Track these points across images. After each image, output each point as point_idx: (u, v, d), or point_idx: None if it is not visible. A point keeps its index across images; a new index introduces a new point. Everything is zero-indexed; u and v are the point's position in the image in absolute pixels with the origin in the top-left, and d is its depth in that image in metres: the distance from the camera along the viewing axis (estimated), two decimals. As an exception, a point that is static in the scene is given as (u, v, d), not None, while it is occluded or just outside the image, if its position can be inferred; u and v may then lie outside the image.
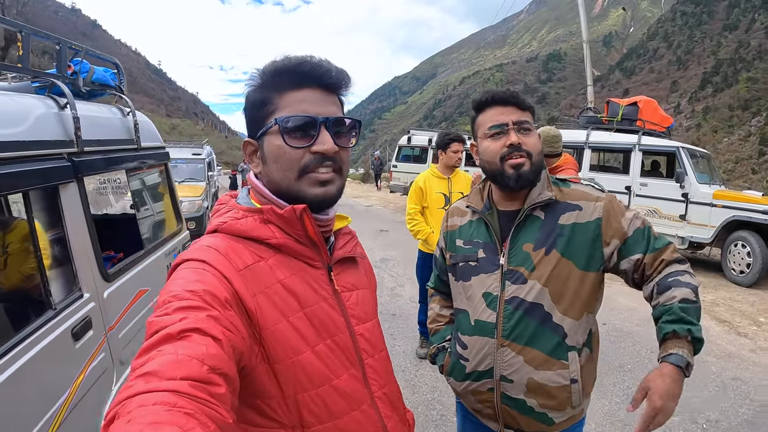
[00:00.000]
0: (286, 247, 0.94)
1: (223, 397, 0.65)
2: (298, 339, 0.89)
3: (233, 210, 0.97)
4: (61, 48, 2.28)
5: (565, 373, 1.48)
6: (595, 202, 1.50)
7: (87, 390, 1.89)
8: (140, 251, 2.62)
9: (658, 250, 1.46)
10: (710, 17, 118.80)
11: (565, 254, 1.47)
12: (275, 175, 0.95)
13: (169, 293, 0.77)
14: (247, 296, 0.85)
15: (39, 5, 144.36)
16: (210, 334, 0.70)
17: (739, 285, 7.41)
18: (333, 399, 0.91)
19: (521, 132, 1.49)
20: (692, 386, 4.14)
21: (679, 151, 8.26)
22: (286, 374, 0.87)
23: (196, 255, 0.87)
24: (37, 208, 1.83)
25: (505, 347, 1.50)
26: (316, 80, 0.94)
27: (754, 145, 65.04)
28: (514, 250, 1.52)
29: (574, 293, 1.48)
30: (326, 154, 0.92)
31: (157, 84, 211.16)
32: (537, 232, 1.50)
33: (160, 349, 0.66)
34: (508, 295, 1.51)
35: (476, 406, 1.63)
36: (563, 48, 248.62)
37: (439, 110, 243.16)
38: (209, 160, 13.38)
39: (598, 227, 1.47)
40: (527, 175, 1.48)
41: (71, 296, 1.92)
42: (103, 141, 2.33)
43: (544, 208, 1.52)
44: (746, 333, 5.48)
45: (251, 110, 0.98)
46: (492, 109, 1.53)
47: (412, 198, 4.20)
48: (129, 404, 0.58)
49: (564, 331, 1.48)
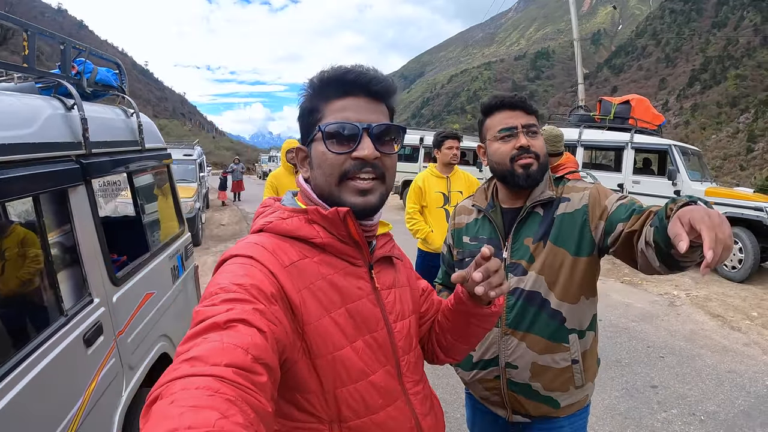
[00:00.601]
0: (330, 246, 0.97)
1: (265, 386, 0.67)
2: (339, 334, 0.91)
3: (279, 210, 1.00)
4: (65, 48, 2.25)
5: (566, 355, 1.58)
6: (582, 191, 1.59)
7: (99, 396, 1.87)
8: (146, 254, 2.60)
9: (642, 211, 1.36)
10: (699, 15, 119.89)
11: (557, 242, 1.56)
12: (319, 180, 0.99)
13: (217, 285, 0.80)
14: (293, 292, 0.87)
15: (25, 6, 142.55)
16: (255, 325, 0.73)
17: (732, 280, 7.51)
18: (370, 394, 0.94)
19: (529, 135, 1.58)
20: (689, 380, 4.21)
21: (671, 149, 8.36)
22: (326, 369, 0.89)
23: (244, 251, 0.90)
24: (46, 212, 1.80)
25: (509, 335, 1.61)
26: (361, 88, 0.96)
27: (743, 142, 65.81)
28: (517, 245, 1.62)
29: (569, 278, 1.56)
30: (366, 159, 0.94)
31: (144, 84, 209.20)
32: (536, 227, 1.60)
33: (206, 336, 0.69)
34: (511, 287, 1.60)
35: (484, 394, 1.71)
36: (551, 46, 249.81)
37: (428, 109, 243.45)
38: (200, 161, 13.31)
39: (585, 213, 1.55)
40: (536, 174, 1.57)
41: (82, 301, 1.90)
42: (109, 143, 2.30)
43: (544, 205, 1.61)
44: (739, 327, 5.56)
45: (302, 118, 1.02)
46: (501, 113, 1.61)
47: (411, 197, 4.20)
48: (173, 386, 0.59)
49: (563, 316, 1.57)
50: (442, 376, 4.10)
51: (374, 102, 0.98)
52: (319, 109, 0.97)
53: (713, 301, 6.53)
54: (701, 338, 5.22)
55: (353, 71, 0.95)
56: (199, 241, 10.10)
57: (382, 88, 0.98)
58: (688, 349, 4.93)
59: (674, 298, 6.65)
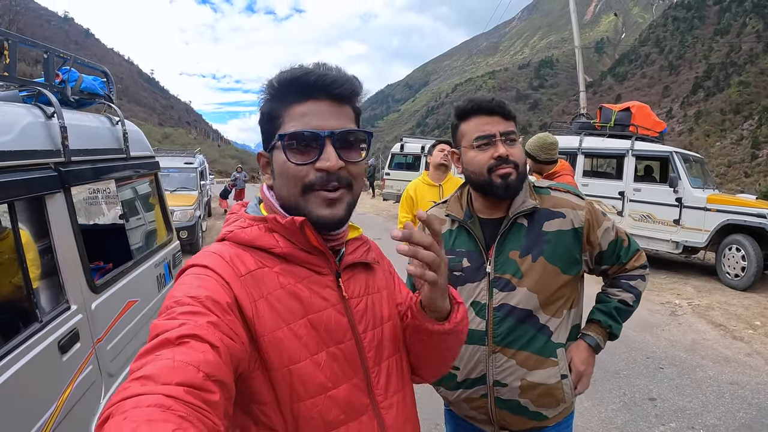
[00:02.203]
0: (291, 255, 0.93)
1: (217, 405, 0.66)
2: (297, 346, 0.87)
3: (240, 219, 0.97)
4: (48, 56, 2.25)
5: (555, 371, 1.54)
6: (576, 210, 1.56)
7: (74, 403, 1.85)
8: (129, 262, 2.58)
9: (623, 263, 1.66)
10: (701, 22, 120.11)
11: (551, 260, 1.52)
12: (282, 191, 0.94)
13: (172, 299, 0.79)
14: (246, 302, 0.84)
15: (31, 14, 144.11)
16: (207, 340, 0.71)
17: (734, 289, 7.42)
18: (329, 409, 0.89)
19: (508, 143, 1.50)
20: (689, 392, 4.13)
21: (673, 156, 8.30)
22: (281, 382, 0.86)
23: (200, 261, 0.88)
24: (23, 219, 1.80)
25: (498, 353, 1.54)
26: (323, 91, 0.90)
27: (747, 149, 65.64)
28: (501, 258, 1.54)
29: (559, 296, 1.55)
30: (330, 171, 0.89)
31: (149, 93, 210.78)
32: (522, 239, 1.54)
33: (158, 353, 0.67)
34: (497, 303, 1.53)
35: (470, 413, 1.65)
36: (555, 54, 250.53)
37: (432, 118, 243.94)
38: (201, 169, 13.33)
39: (579, 235, 1.55)
40: (514, 184, 1.50)
41: (58, 308, 1.88)
42: (91, 150, 2.30)
43: (528, 216, 1.55)
44: (742, 337, 5.47)
45: (262, 123, 0.96)
46: (476, 118, 1.53)
47: (403, 206, 4.13)
48: (124, 405, 0.59)
49: (550, 331, 1.55)
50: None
51: (338, 105, 0.92)
52: (279, 114, 0.92)
53: (715, 310, 6.44)
54: (702, 348, 5.14)
55: (313, 72, 0.90)
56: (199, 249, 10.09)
57: (346, 89, 0.92)
58: (689, 359, 4.85)
59: (676, 307, 6.57)
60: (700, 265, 9.15)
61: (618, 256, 1.64)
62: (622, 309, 1.65)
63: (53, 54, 2.29)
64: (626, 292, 1.66)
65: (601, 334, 1.64)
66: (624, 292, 1.66)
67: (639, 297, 1.66)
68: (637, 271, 1.67)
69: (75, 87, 2.48)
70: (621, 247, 1.64)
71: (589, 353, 1.62)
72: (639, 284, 1.67)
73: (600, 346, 1.64)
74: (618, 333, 1.67)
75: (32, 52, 2.25)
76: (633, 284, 1.66)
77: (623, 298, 1.65)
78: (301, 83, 0.90)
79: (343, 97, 0.93)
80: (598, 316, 1.66)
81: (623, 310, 1.65)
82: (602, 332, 1.64)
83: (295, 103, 0.91)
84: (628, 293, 1.65)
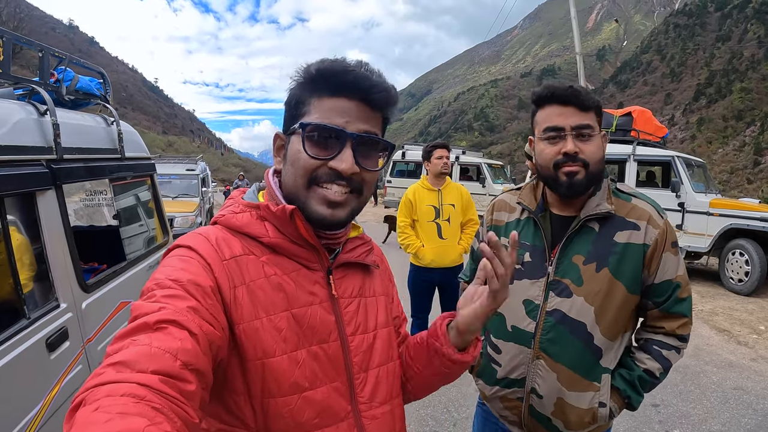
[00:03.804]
0: (279, 246, 0.90)
1: (193, 395, 0.65)
2: (275, 340, 0.84)
3: (234, 204, 0.94)
4: (43, 55, 2.25)
5: (594, 396, 1.43)
6: (651, 226, 1.41)
7: (63, 403, 1.83)
8: (122, 263, 2.56)
9: (668, 315, 1.45)
10: (703, 29, 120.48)
11: (616, 275, 1.39)
12: (288, 178, 0.91)
13: (154, 281, 0.77)
14: (225, 287, 0.82)
15: (36, 21, 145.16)
16: (186, 327, 0.69)
17: (738, 294, 7.36)
18: (302, 410, 0.85)
19: (580, 138, 1.38)
20: (693, 398, 4.06)
21: (675, 161, 8.25)
22: (253, 375, 0.82)
23: (186, 242, 0.86)
24: (12, 215, 1.78)
25: (540, 359, 1.45)
26: (358, 92, 0.87)
27: (749, 155, 65.55)
28: (564, 260, 1.44)
29: (618, 315, 1.41)
30: (343, 173, 0.86)
31: (153, 101, 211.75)
32: (589, 245, 1.42)
33: (135, 338, 0.66)
34: (551, 307, 1.44)
35: (503, 412, 1.58)
36: (557, 62, 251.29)
37: (435, 126, 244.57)
38: (203, 176, 13.35)
39: (644, 254, 1.40)
40: (579, 184, 1.39)
41: (47, 305, 1.86)
42: (84, 149, 2.28)
43: (601, 220, 1.43)
44: (746, 342, 5.41)
45: (288, 106, 0.93)
46: (551, 107, 1.41)
47: (402, 211, 4.08)
48: (97, 392, 0.57)
49: (601, 353, 1.42)
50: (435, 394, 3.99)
51: (369, 109, 0.88)
52: (307, 102, 0.88)
53: (719, 315, 6.38)
54: (706, 354, 5.08)
55: (354, 72, 0.86)
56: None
57: (382, 97, 0.88)
58: (693, 365, 4.78)
59: (679, 312, 6.51)
60: (703, 270, 9.08)
61: (666, 301, 1.44)
62: (646, 380, 1.45)
63: (48, 53, 2.28)
64: (655, 361, 1.45)
65: (617, 403, 1.46)
66: (652, 361, 1.45)
67: (667, 371, 1.46)
68: (673, 340, 1.46)
69: (70, 86, 2.47)
70: (675, 295, 1.43)
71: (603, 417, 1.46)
72: (672, 356, 1.46)
73: (613, 415, 1.46)
74: (637, 405, 1.48)
75: (32, 53, 2.24)
76: (665, 354, 1.45)
77: (649, 368, 1.45)
78: (339, 78, 0.86)
79: (377, 104, 0.89)
80: (619, 383, 1.46)
81: (647, 382, 1.46)
82: (620, 402, 1.46)
83: (326, 96, 0.87)
84: (656, 363, 1.45)
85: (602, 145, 1.42)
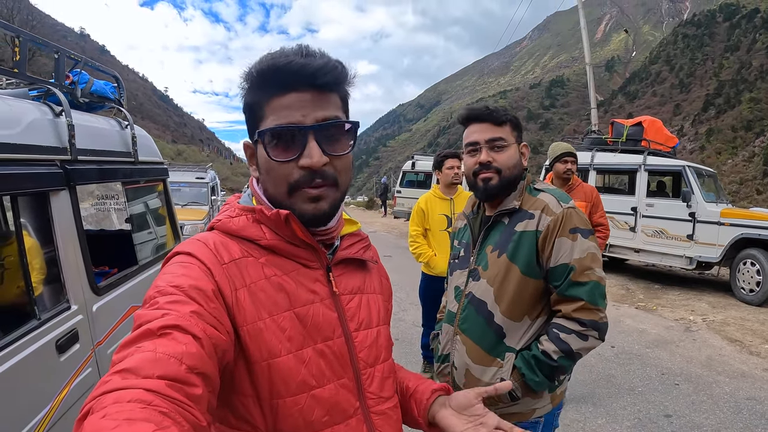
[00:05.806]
0: (277, 248, 0.89)
1: (200, 399, 0.64)
2: (279, 339, 0.83)
3: (231, 209, 0.95)
4: (59, 57, 2.27)
5: (497, 372, 1.57)
6: (545, 214, 1.57)
7: (72, 405, 1.82)
8: (134, 266, 2.56)
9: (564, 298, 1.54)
10: (711, 39, 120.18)
11: (513, 259, 1.57)
12: (269, 187, 0.91)
13: (155, 288, 0.77)
14: (227, 290, 0.81)
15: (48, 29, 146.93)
16: (190, 331, 0.69)
17: (750, 304, 7.25)
18: (312, 409, 0.84)
19: (494, 149, 1.61)
20: (705, 408, 4.00)
21: (685, 170, 8.18)
22: (261, 376, 0.82)
23: (185, 248, 0.86)
24: (25, 215, 1.79)
25: (458, 336, 1.67)
26: (304, 81, 0.83)
27: (759, 166, 65.01)
28: (481, 251, 1.68)
29: (516, 295, 1.57)
30: (314, 168, 0.84)
31: (163, 110, 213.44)
32: (498, 236, 1.64)
33: (139, 345, 0.66)
34: (468, 290, 1.67)
35: None
36: (566, 74, 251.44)
37: (444, 137, 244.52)
38: (213, 185, 13.42)
39: (536, 240, 1.56)
40: (493, 188, 1.61)
41: (58, 307, 1.86)
42: (98, 151, 2.29)
43: (510, 214, 1.64)
44: (758, 352, 5.33)
45: (246, 114, 0.91)
46: (471, 125, 1.66)
47: (414, 220, 4.06)
48: (104, 400, 0.57)
49: (503, 332, 1.58)
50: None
51: (323, 94, 0.85)
52: (261, 106, 0.86)
53: (731, 325, 6.29)
54: (718, 364, 5.01)
55: (295, 62, 0.82)
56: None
57: (331, 78, 0.85)
58: (705, 375, 4.71)
59: (690, 323, 6.43)
60: (714, 281, 8.97)
61: (561, 284, 1.52)
62: (542, 361, 1.50)
63: (64, 55, 2.30)
64: (551, 343, 1.50)
65: (518, 381, 1.54)
66: (549, 343, 1.51)
67: (569, 355, 1.48)
68: (572, 324, 1.50)
69: (85, 89, 2.49)
70: (568, 278, 1.51)
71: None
72: (571, 340, 1.49)
73: (515, 396, 1.53)
74: (536, 387, 1.53)
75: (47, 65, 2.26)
76: (563, 338, 1.49)
77: (546, 349, 1.50)
78: (283, 73, 0.83)
79: (328, 86, 0.86)
80: (517, 361, 1.55)
81: (543, 363, 1.50)
82: (518, 379, 1.54)
83: (276, 95, 0.85)
84: (552, 345, 1.50)
85: (515, 154, 1.65)
